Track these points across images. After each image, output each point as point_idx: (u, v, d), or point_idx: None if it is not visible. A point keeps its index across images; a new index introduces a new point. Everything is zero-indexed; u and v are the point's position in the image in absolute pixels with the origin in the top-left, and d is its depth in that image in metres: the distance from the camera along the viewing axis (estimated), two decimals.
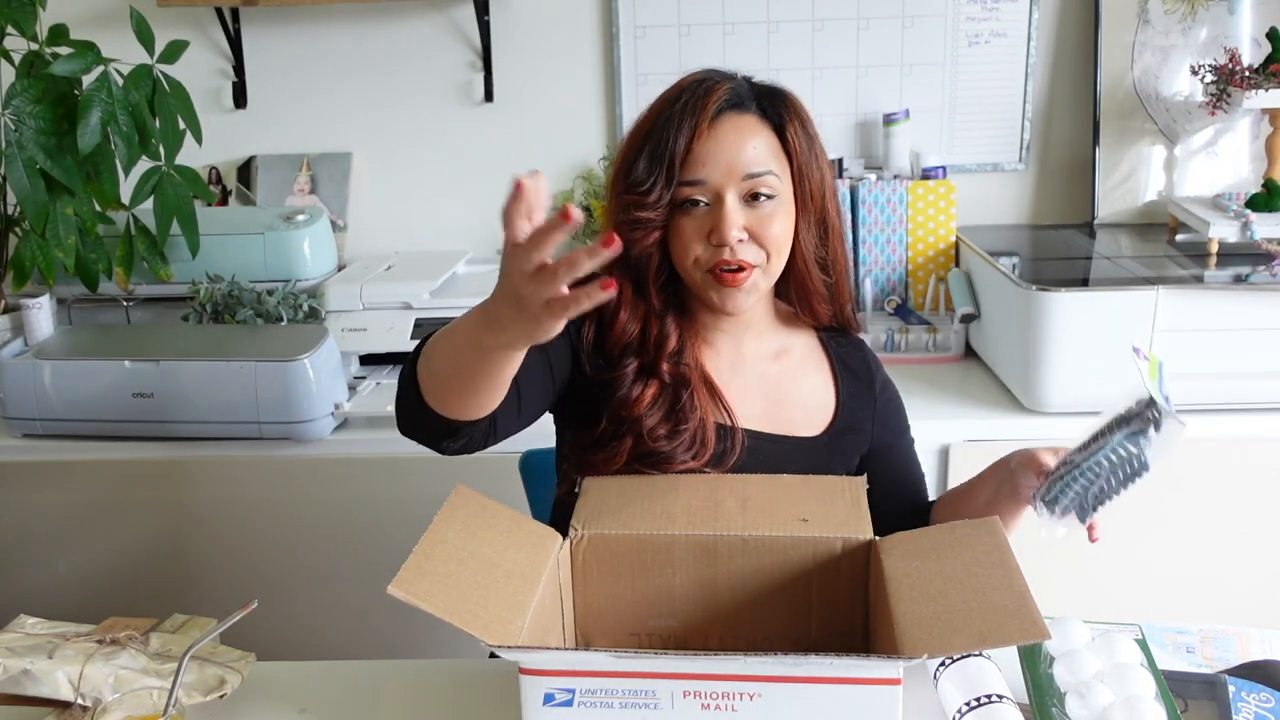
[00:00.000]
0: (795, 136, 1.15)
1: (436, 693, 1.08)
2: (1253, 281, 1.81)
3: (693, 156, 1.12)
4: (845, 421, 1.25)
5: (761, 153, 1.13)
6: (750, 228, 1.13)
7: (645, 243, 1.15)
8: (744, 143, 1.13)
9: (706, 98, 1.13)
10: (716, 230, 1.12)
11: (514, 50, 2.32)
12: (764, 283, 1.17)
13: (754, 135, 1.14)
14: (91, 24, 2.22)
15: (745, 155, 1.12)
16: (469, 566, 0.93)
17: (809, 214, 1.18)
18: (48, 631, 1.09)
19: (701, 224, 1.14)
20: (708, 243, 1.14)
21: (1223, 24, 2.17)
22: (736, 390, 1.21)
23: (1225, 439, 1.80)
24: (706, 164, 1.12)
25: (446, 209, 2.40)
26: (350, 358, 2.03)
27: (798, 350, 1.27)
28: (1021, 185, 2.34)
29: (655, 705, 0.85)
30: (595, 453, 1.15)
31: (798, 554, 1.01)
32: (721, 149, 1.12)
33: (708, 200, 1.13)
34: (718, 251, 1.13)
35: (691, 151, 1.12)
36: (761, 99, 1.16)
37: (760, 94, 1.17)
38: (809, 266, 1.20)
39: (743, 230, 1.13)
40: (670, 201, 1.14)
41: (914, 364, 2.07)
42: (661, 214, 1.14)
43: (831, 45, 2.28)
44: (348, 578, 1.88)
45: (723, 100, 1.13)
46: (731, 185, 1.12)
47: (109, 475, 1.87)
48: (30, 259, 1.97)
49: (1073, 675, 0.96)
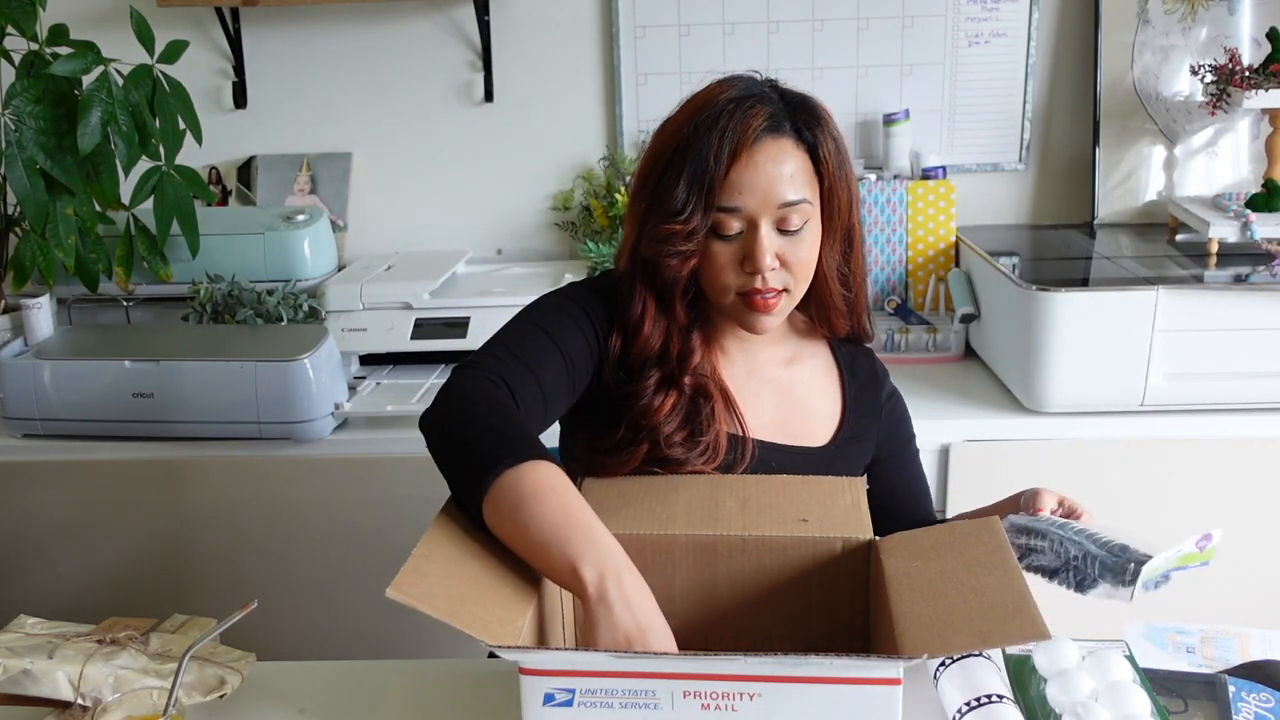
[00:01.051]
0: (828, 156, 1.15)
1: (436, 693, 1.08)
2: (1253, 281, 1.81)
3: (729, 184, 1.11)
4: (852, 430, 1.26)
5: (797, 181, 1.13)
6: (781, 254, 1.13)
7: (681, 270, 1.15)
8: (781, 171, 1.12)
9: (746, 123, 1.12)
10: (750, 259, 1.12)
11: (514, 50, 2.32)
12: (790, 305, 1.19)
13: (789, 161, 1.13)
14: (91, 24, 2.22)
15: (782, 186, 1.12)
16: (468, 567, 0.92)
17: (835, 230, 1.18)
18: (48, 631, 1.09)
19: (735, 251, 1.14)
20: (740, 270, 1.14)
21: (1223, 24, 2.17)
22: (749, 398, 1.22)
23: (1225, 439, 1.80)
24: (744, 192, 1.12)
25: (446, 209, 2.40)
26: (350, 358, 2.03)
27: (808, 357, 1.28)
28: (1021, 185, 2.35)
29: (655, 705, 0.85)
30: (610, 456, 1.16)
31: (798, 554, 1.01)
32: (759, 176, 1.11)
33: (741, 227, 1.13)
34: (750, 279, 1.14)
35: (730, 178, 1.11)
36: (796, 117, 1.15)
37: (794, 111, 1.15)
38: (831, 283, 1.21)
39: (775, 259, 1.13)
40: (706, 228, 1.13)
41: (914, 364, 2.07)
42: (698, 243, 1.14)
43: (831, 45, 2.28)
44: (348, 578, 1.88)
45: (762, 126, 1.12)
46: (767, 214, 1.12)
47: (109, 475, 1.87)
48: (30, 259, 1.97)
49: (1067, 696, 0.95)
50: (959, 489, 1.81)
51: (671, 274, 1.15)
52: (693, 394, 1.17)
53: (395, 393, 1.96)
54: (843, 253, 1.21)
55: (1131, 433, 1.80)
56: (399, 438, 1.85)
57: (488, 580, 0.92)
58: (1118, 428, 1.80)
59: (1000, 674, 0.96)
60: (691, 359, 1.18)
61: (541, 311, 1.19)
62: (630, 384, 1.18)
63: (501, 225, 2.41)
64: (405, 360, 2.07)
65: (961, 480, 1.81)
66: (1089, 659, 0.99)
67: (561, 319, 1.17)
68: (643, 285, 1.18)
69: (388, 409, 1.89)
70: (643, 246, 1.16)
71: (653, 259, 1.15)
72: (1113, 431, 1.80)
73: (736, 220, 1.13)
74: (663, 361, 1.18)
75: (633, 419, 1.16)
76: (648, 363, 1.18)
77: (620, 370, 1.19)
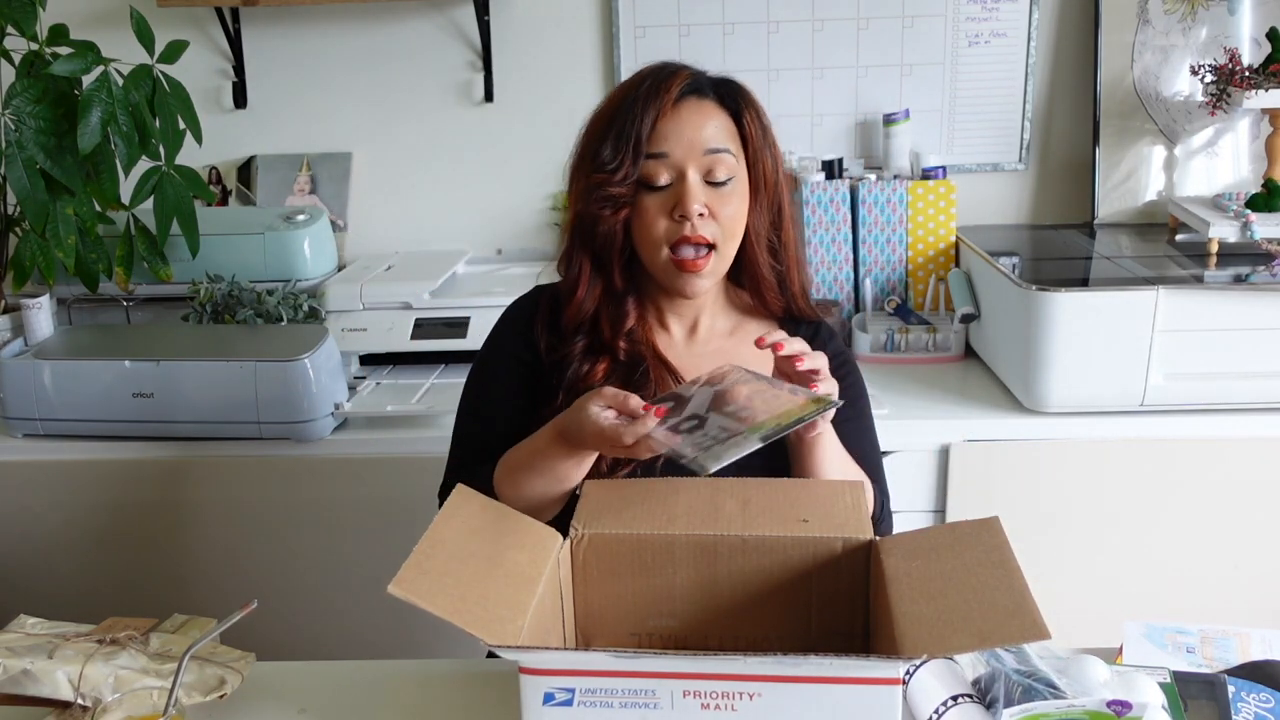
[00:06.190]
0: (751, 123, 1.23)
1: (436, 693, 1.08)
2: (1253, 281, 1.81)
3: (657, 134, 1.19)
4: None
5: (721, 134, 1.21)
6: (710, 205, 1.19)
7: (613, 220, 1.21)
8: (705, 122, 1.20)
9: (669, 80, 1.20)
10: (680, 204, 1.18)
11: (514, 50, 2.32)
12: (720, 266, 1.23)
13: (713, 118, 1.21)
14: (91, 24, 2.22)
15: (706, 133, 1.20)
16: (469, 566, 0.92)
17: (761, 199, 1.25)
18: (48, 631, 1.09)
19: (665, 201, 1.20)
20: (670, 218, 1.20)
21: (1223, 24, 2.17)
22: (690, 370, 1.24)
23: (1225, 439, 1.80)
24: (669, 139, 1.19)
25: (446, 209, 2.40)
26: (350, 358, 2.03)
27: (754, 331, 1.29)
28: (1021, 185, 2.35)
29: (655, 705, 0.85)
30: None
31: (798, 554, 1.01)
32: (684, 126, 1.19)
33: (671, 180, 1.19)
34: (679, 226, 1.19)
35: (656, 129, 1.19)
36: (719, 88, 1.24)
37: (717, 84, 1.24)
38: (759, 251, 1.26)
39: (704, 205, 1.19)
40: (636, 179, 1.19)
41: (914, 364, 2.07)
42: (628, 191, 1.20)
43: (831, 45, 2.28)
44: (348, 578, 1.88)
45: (685, 85, 1.21)
46: (693, 161, 1.19)
47: (109, 475, 1.87)
48: (30, 259, 1.97)
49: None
50: (959, 489, 1.81)
51: (606, 226, 1.21)
52: (627, 360, 1.22)
53: (395, 393, 1.96)
54: (771, 222, 1.27)
55: (1131, 433, 1.80)
56: (399, 438, 1.85)
57: (489, 579, 0.92)
58: (1118, 428, 1.80)
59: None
60: (625, 322, 1.24)
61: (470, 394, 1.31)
62: (563, 347, 1.23)
63: (501, 225, 2.41)
64: (405, 360, 2.07)
65: (961, 480, 1.81)
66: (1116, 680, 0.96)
67: (486, 384, 1.29)
68: (580, 250, 1.25)
69: (388, 409, 1.89)
70: (580, 209, 1.22)
71: (588, 215, 1.22)
72: (1113, 431, 1.80)
73: (664, 170, 1.19)
74: (595, 327, 1.24)
75: (568, 386, 1.21)
76: (580, 327, 1.24)
77: (553, 335, 1.25)
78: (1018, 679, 0.93)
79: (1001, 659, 0.97)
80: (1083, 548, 1.83)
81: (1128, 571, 1.83)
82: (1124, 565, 1.83)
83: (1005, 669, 0.95)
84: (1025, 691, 0.92)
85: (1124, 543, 1.83)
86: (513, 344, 1.29)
